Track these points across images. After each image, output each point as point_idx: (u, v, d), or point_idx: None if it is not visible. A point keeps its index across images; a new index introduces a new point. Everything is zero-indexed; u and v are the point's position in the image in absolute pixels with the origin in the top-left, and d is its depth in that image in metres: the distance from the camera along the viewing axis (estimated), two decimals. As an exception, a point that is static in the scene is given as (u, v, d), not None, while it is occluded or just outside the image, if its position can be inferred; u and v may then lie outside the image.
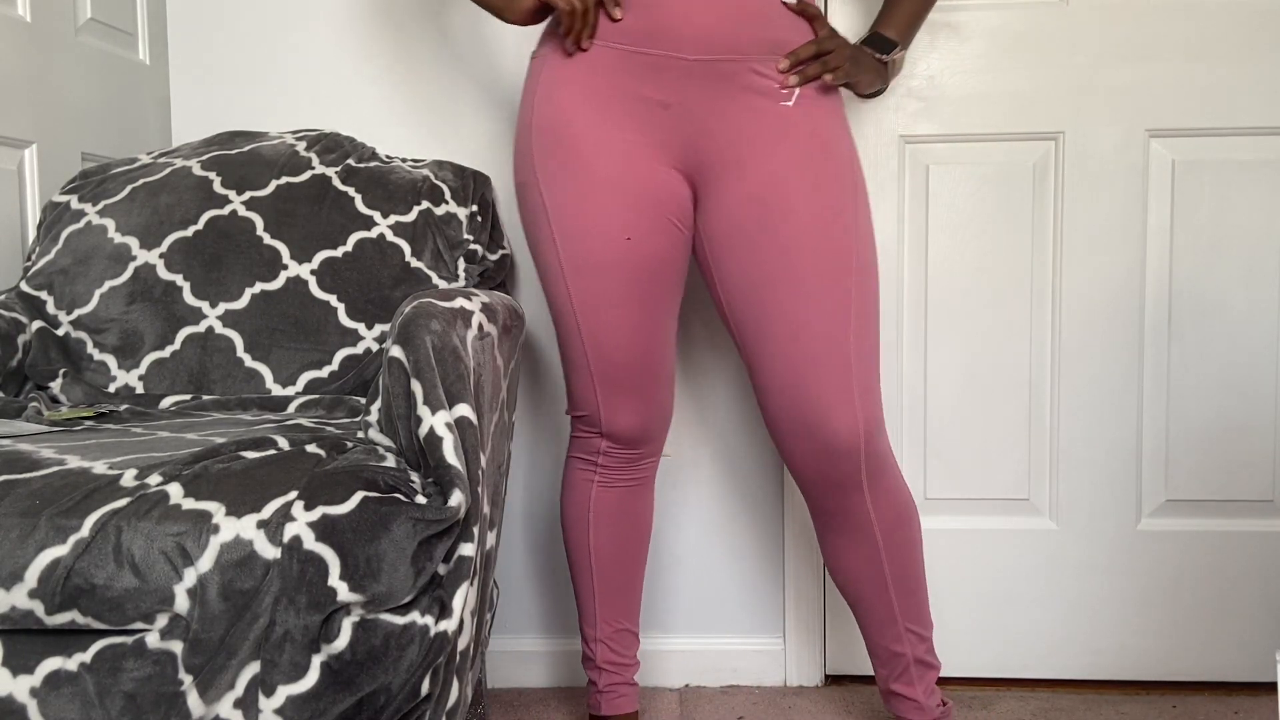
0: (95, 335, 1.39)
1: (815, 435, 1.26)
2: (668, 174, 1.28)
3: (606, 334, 1.32)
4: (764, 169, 1.25)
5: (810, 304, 1.24)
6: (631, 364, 1.33)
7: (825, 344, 1.24)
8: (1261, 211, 1.64)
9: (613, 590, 1.45)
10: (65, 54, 1.54)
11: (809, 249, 1.24)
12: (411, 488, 0.93)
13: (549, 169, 1.29)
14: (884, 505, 1.31)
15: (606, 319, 1.31)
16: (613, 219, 1.27)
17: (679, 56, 1.23)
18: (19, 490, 0.89)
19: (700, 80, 1.24)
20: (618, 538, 1.43)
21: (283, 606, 0.85)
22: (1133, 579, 1.69)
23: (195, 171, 1.49)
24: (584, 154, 1.27)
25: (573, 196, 1.28)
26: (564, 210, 1.29)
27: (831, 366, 1.24)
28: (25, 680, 0.86)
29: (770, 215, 1.25)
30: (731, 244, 1.27)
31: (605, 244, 1.28)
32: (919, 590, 1.36)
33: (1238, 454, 1.67)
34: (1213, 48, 1.62)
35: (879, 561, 1.33)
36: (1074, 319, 1.67)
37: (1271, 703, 1.64)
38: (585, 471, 1.42)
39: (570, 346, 1.35)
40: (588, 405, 1.37)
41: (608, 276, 1.29)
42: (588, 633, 1.46)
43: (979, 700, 1.67)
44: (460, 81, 1.70)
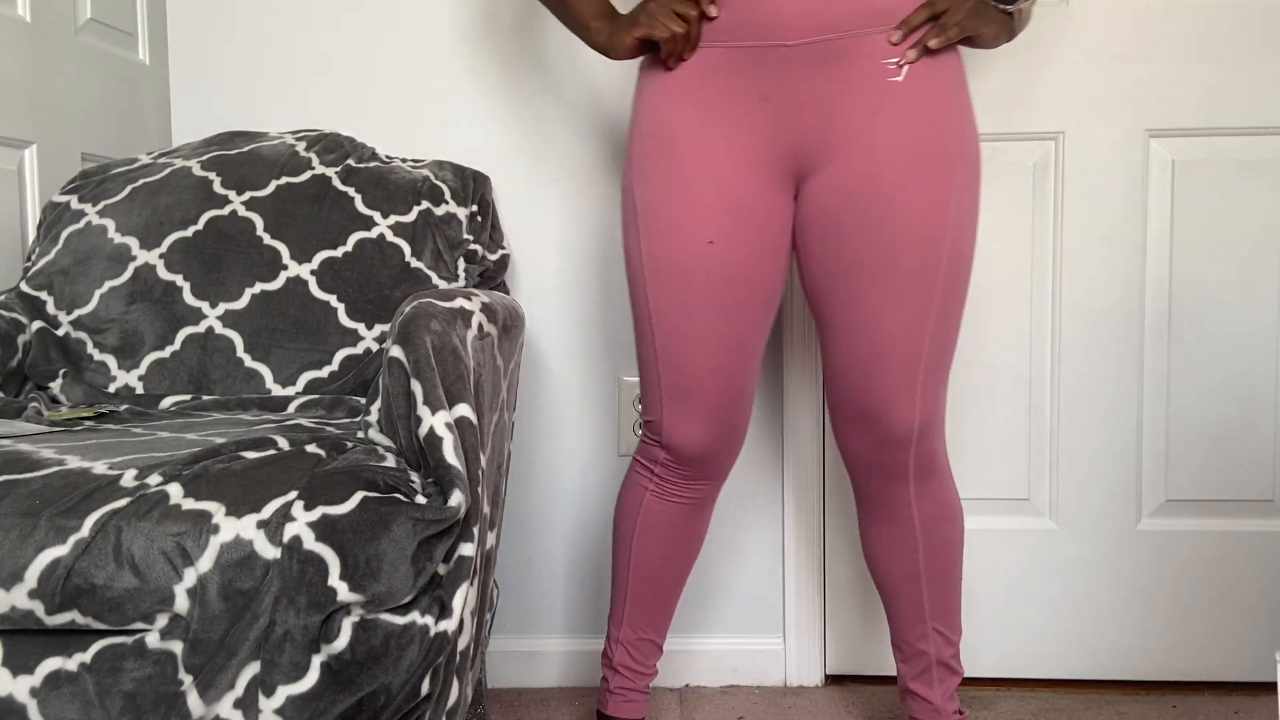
0: (95, 335, 1.39)
1: (871, 424, 1.26)
2: (768, 182, 1.24)
3: (680, 342, 1.27)
4: (862, 151, 1.19)
5: (891, 296, 1.21)
6: (703, 378, 1.28)
7: (899, 338, 1.22)
8: (1261, 211, 1.64)
9: (646, 600, 1.41)
10: (65, 54, 1.54)
11: (898, 239, 1.19)
12: (411, 488, 0.93)
13: (644, 171, 1.27)
14: (928, 502, 1.31)
15: (681, 326, 1.26)
16: (699, 221, 1.23)
17: (777, 44, 1.18)
18: (19, 490, 0.89)
19: (800, 66, 1.18)
20: (661, 552, 1.39)
21: (283, 606, 0.85)
22: (1133, 579, 1.69)
23: (195, 172, 1.49)
24: (679, 156, 1.24)
25: (662, 198, 1.25)
26: (651, 211, 1.26)
27: (901, 360, 1.23)
28: (25, 680, 0.86)
29: (862, 201, 1.20)
30: (821, 228, 1.23)
31: (688, 247, 1.24)
32: (952, 593, 1.35)
33: (1238, 454, 1.67)
34: (1213, 48, 1.62)
35: (915, 556, 1.32)
36: (1074, 319, 1.67)
37: (1271, 703, 1.64)
38: (642, 477, 1.38)
39: (643, 351, 1.31)
40: (653, 412, 1.33)
41: (687, 281, 1.25)
42: (612, 631, 1.43)
43: (979, 700, 1.66)
44: (460, 81, 1.70)
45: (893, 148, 1.19)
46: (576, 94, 1.70)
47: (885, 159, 1.19)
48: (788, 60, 1.19)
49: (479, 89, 1.70)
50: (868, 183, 1.19)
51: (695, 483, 1.36)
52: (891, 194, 1.19)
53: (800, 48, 1.18)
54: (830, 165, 1.21)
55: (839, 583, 1.73)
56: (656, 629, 1.42)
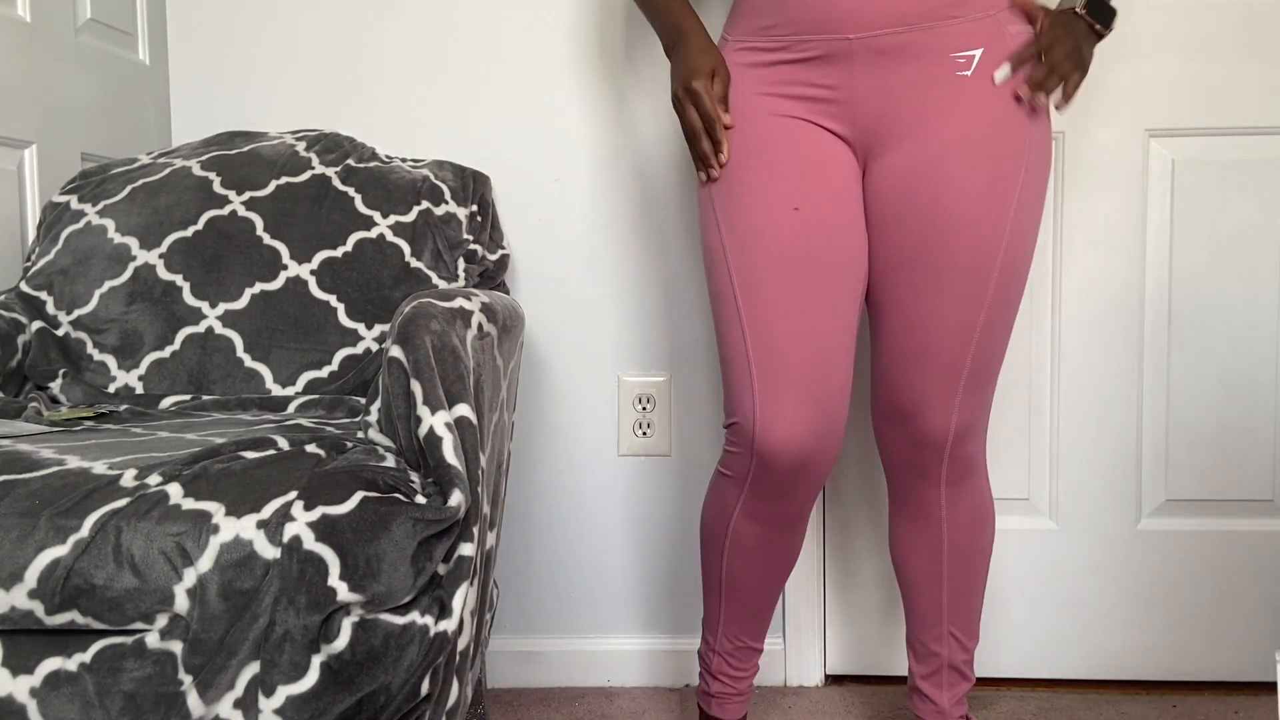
0: (95, 335, 1.39)
1: (907, 424, 1.24)
2: (837, 145, 1.20)
3: (770, 315, 1.18)
4: (927, 144, 1.16)
5: (942, 294, 1.18)
6: (798, 352, 1.17)
7: (944, 339, 1.19)
8: (1261, 211, 1.64)
9: (741, 614, 1.34)
10: (65, 54, 1.54)
11: (953, 238, 1.16)
12: (411, 488, 0.93)
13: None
14: (959, 506, 1.29)
15: (770, 297, 1.18)
16: (779, 188, 1.18)
17: (838, 38, 1.15)
18: (19, 490, 0.89)
19: (864, 59, 1.16)
20: (754, 573, 1.30)
21: (282, 606, 0.85)
22: (1133, 579, 1.69)
23: (195, 172, 1.49)
24: (752, 131, 1.20)
25: (739, 170, 1.20)
26: (728, 185, 1.21)
27: (943, 362, 1.20)
28: (25, 680, 0.86)
29: (921, 194, 1.17)
30: (880, 218, 1.20)
31: (771, 215, 1.18)
32: (974, 599, 1.34)
33: (1238, 454, 1.67)
34: (1213, 48, 1.61)
35: (939, 558, 1.31)
36: (1074, 319, 1.67)
37: (1271, 703, 1.64)
38: (729, 491, 1.26)
39: (729, 337, 1.21)
40: (743, 407, 1.20)
41: (774, 251, 1.17)
42: (708, 638, 1.38)
43: (979, 700, 1.66)
44: (460, 81, 1.70)
45: (956, 143, 1.16)
46: (577, 94, 1.70)
47: (947, 154, 1.16)
48: (850, 54, 1.16)
49: (479, 89, 1.70)
50: (928, 177, 1.16)
51: (789, 499, 1.23)
52: (953, 187, 1.16)
53: (862, 40, 1.15)
54: (892, 155, 1.19)
55: (839, 583, 1.73)
56: (756, 636, 1.37)
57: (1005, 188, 1.17)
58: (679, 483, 1.73)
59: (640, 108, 1.69)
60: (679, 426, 1.73)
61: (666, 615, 1.75)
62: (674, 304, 1.71)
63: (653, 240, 1.71)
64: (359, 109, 1.71)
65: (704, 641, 1.40)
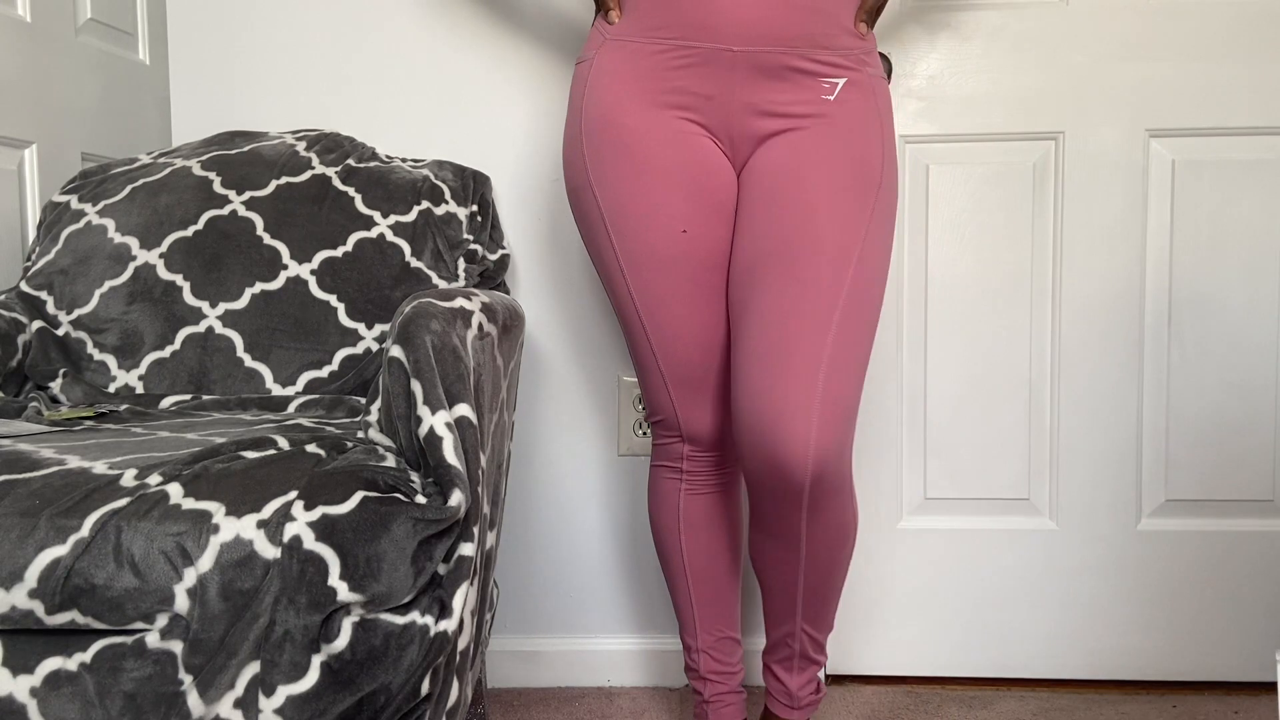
0: (95, 335, 1.39)
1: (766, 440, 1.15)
2: (718, 154, 1.26)
3: (672, 331, 1.28)
4: (792, 149, 1.23)
5: (800, 286, 1.17)
6: (702, 361, 1.29)
7: (801, 330, 1.16)
8: (1261, 211, 1.64)
9: (711, 599, 1.40)
10: (65, 54, 1.54)
11: (814, 232, 1.19)
12: (411, 488, 0.93)
13: (600, 168, 1.27)
14: (819, 528, 1.23)
15: (671, 315, 1.28)
16: (668, 211, 1.24)
17: (724, 48, 1.21)
18: (19, 490, 0.89)
19: (743, 71, 1.22)
20: (711, 545, 1.39)
21: (283, 606, 0.85)
22: (1133, 579, 1.69)
23: (195, 171, 1.49)
24: (634, 147, 1.25)
25: (626, 192, 1.25)
26: (618, 207, 1.26)
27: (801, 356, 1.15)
28: (25, 680, 0.86)
29: (784, 195, 1.22)
30: (746, 218, 1.25)
31: (662, 237, 1.25)
32: (829, 600, 1.33)
33: (1238, 454, 1.67)
34: (1213, 48, 1.62)
35: (796, 569, 1.28)
36: (1074, 319, 1.67)
37: (1271, 703, 1.64)
38: (671, 480, 1.38)
39: (639, 348, 1.32)
40: (664, 409, 1.34)
41: (667, 271, 1.26)
42: (689, 643, 1.42)
43: (979, 700, 1.67)
44: (460, 81, 1.70)
45: (819, 152, 1.23)
46: (576, 94, 1.70)
47: (810, 159, 1.22)
48: (732, 65, 1.22)
49: (479, 89, 1.70)
50: (793, 179, 1.22)
51: (724, 466, 1.37)
52: (813, 192, 1.21)
53: (745, 53, 1.21)
54: (759, 159, 1.25)
55: (839, 583, 1.73)
56: (730, 624, 1.42)
57: (862, 195, 1.23)
58: (679, 483, 1.73)
59: (640, 108, 1.69)
60: (679, 426, 1.73)
61: (666, 615, 1.75)
62: (674, 304, 1.71)
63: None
64: (359, 109, 1.71)
65: (686, 650, 1.42)
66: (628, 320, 1.31)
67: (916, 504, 1.72)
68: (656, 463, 1.39)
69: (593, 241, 1.30)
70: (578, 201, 1.31)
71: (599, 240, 1.29)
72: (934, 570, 1.71)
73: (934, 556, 1.71)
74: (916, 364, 1.69)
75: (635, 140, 1.25)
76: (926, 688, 1.72)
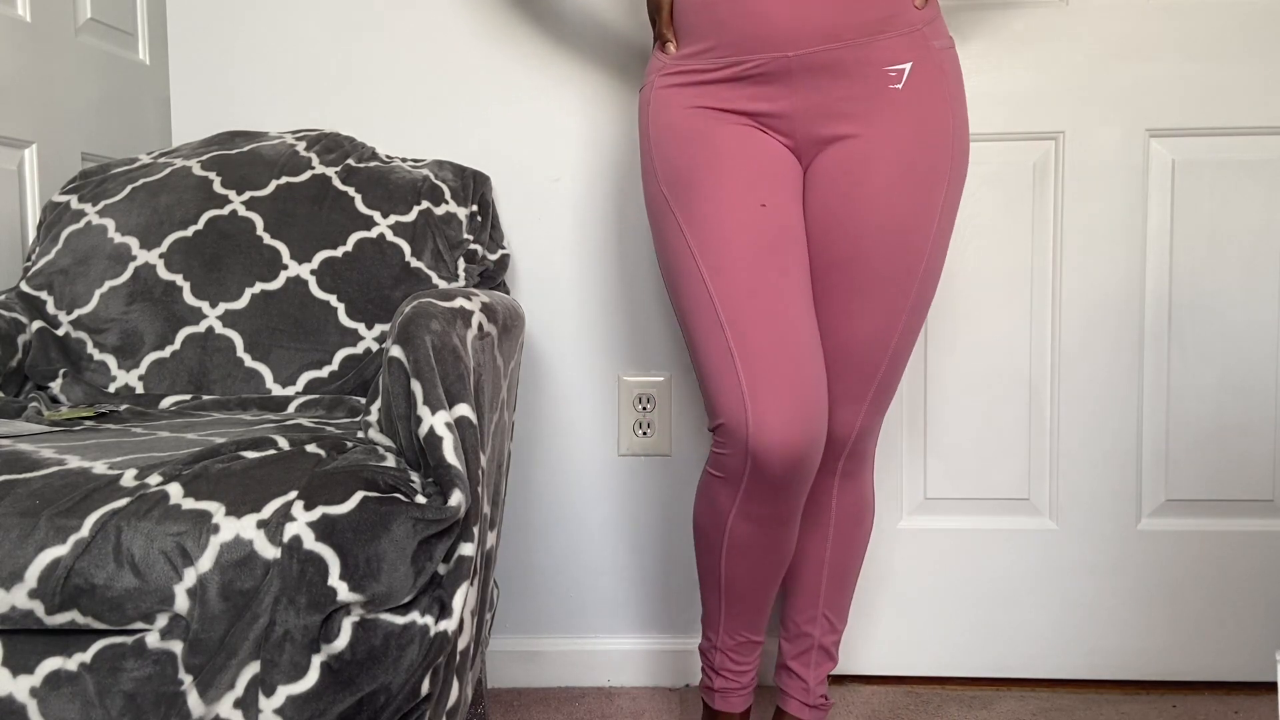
0: (95, 335, 1.39)
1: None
2: (783, 150, 1.23)
3: (749, 310, 1.17)
4: (859, 152, 1.20)
5: (866, 301, 1.23)
6: (778, 345, 1.17)
7: (863, 346, 1.24)
8: (1261, 211, 1.64)
9: (743, 611, 1.34)
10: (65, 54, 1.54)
11: (882, 246, 1.21)
12: (411, 488, 0.93)
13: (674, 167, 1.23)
14: (847, 500, 1.35)
15: (747, 291, 1.18)
16: (738, 188, 1.20)
17: (779, 55, 1.18)
18: (19, 490, 0.89)
19: (802, 75, 1.19)
20: (756, 571, 1.29)
21: (283, 606, 0.85)
22: (1133, 579, 1.69)
23: (195, 171, 1.49)
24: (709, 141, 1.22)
25: (698, 176, 1.21)
26: (691, 198, 1.21)
27: (859, 370, 1.25)
28: (25, 680, 0.86)
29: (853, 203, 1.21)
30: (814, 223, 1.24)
31: (738, 215, 1.19)
32: (849, 585, 1.41)
33: (1238, 454, 1.67)
34: (1213, 48, 1.62)
35: (824, 547, 1.37)
36: (1074, 319, 1.67)
37: (1271, 703, 1.64)
38: (724, 493, 1.24)
39: (708, 338, 1.19)
40: (732, 407, 1.18)
41: (746, 253, 1.18)
42: (709, 635, 1.38)
43: (979, 700, 1.67)
44: (460, 81, 1.70)
45: (887, 155, 1.20)
46: (578, 93, 1.70)
47: (878, 165, 1.20)
48: (789, 70, 1.19)
49: (479, 89, 1.70)
50: (861, 187, 1.20)
51: (784, 497, 1.21)
52: (881, 202, 1.20)
53: (799, 57, 1.19)
54: (827, 161, 1.23)
55: (839, 583, 1.73)
56: (757, 630, 1.37)
57: (930, 200, 1.21)
58: (679, 483, 1.73)
59: (640, 108, 1.69)
60: (679, 426, 1.73)
61: (666, 615, 1.75)
62: (674, 304, 1.71)
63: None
64: (359, 109, 1.71)
65: (705, 639, 1.40)
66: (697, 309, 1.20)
67: (916, 504, 1.72)
68: (711, 469, 1.26)
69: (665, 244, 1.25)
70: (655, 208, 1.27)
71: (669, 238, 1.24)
72: (934, 570, 1.71)
73: (934, 556, 1.71)
74: (917, 364, 1.69)
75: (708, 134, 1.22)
76: (926, 688, 1.72)
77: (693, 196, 1.22)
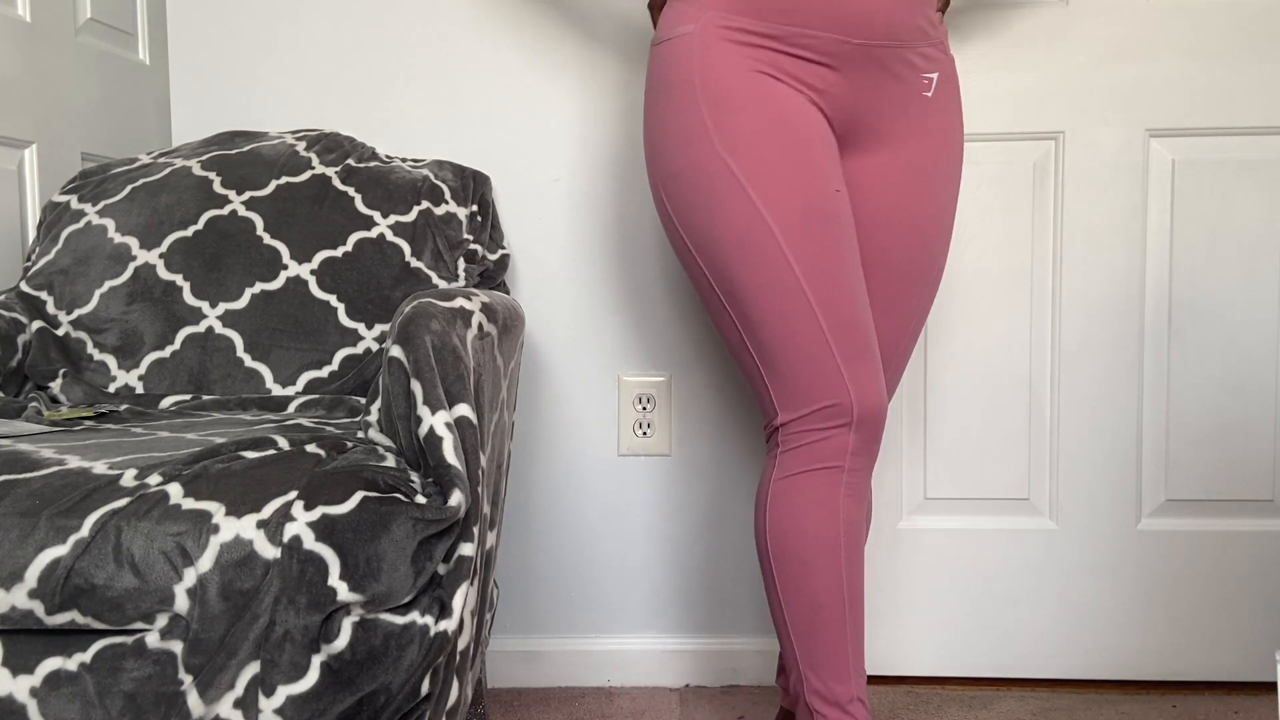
0: (95, 335, 1.39)
1: None
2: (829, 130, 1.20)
3: (837, 290, 1.13)
4: (905, 157, 1.23)
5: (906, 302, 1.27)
6: (865, 323, 1.16)
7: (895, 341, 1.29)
8: (1261, 211, 1.64)
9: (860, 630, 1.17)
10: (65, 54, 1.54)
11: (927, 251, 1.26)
12: (411, 488, 0.93)
13: (733, 133, 1.13)
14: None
15: (835, 273, 1.13)
16: (820, 169, 1.15)
17: (844, 40, 1.16)
18: (19, 490, 0.89)
19: (859, 65, 1.18)
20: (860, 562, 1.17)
21: (283, 606, 0.85)
22: (1133, 579, 1.69)
23: (195, 171, 1.49)
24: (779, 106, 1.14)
25: (774, 151, 1.13)
26: (765, 168, 1.13)
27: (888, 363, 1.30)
28: (25, 680, 0.86)
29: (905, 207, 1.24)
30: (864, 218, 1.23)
31: (820, 196, 1.14)
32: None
33: (1238, 454, 1.67)
34: (1213, 48, 1.62)
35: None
36: (1074, 319, 1.67)
37: (1271, 703, 1.64)
38: (831, 482, 1.14)
39: (796, 323, 1.12)
40: (832, 386, 1.12)
41: (835, 228, 1.14)
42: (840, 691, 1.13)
43: (979, 700, 1.67)
44: (460, 81, 1.70)
45: (929, 162, 1.24)
46: (578, 92, 1.70)
47: (924, 172, 1.23)
48: (848, 58, 1.17)
49: (479, 89, 1.70)
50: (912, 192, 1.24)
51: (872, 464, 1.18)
52: (929, 208, 1.24)
53: (863, 47, 1.17)
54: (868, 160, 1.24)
55: (839, 583, 1.73)
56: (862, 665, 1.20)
57: (948, 206, 1.27)
58: (679, 483, 1.73)
59: (640, 107, 1.69)
60: (679, 426, 1.73)
61: (667, 615, 1.75)
62: (674, 304, 1.71)
63: (653, 240, 1.71)
64: (359, 109, 1.71)
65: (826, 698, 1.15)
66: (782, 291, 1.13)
67: (916, 504, 1.72)
68: (813, 467, 1.15)
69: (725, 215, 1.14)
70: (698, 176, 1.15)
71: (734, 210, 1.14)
72: (934, 570, 1.71)
73: (934, 556, 1.71)
74: (917, 364, 1.69)
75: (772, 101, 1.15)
76: (926, 688, 1.72)
77: (765, 165, 1.13)
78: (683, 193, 1.18)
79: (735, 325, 1.18)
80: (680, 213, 1.19)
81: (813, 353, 1.13)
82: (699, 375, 1.72)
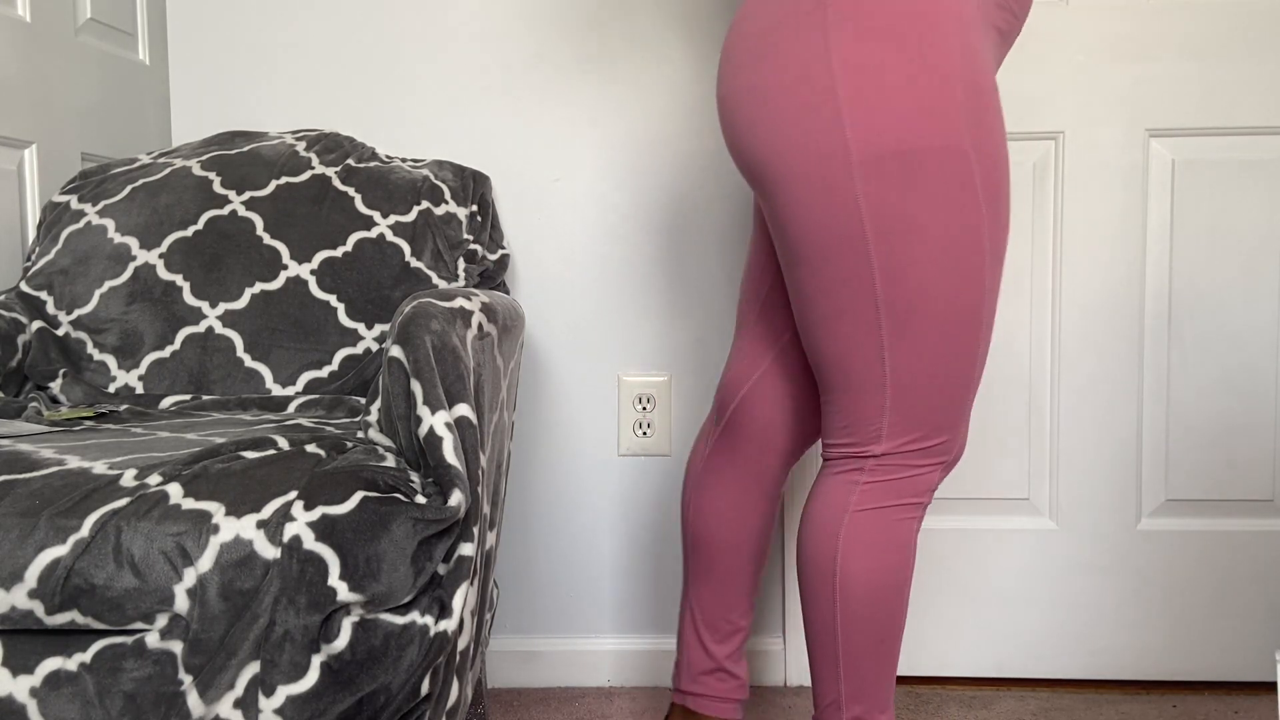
0: (95, 335, 1.39)
1: None
2: None
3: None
4: None
5: None
6: None
7: None
8: (1261, 211, 1.64)
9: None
10: (65, 54, 1.54)
11: None
12: (411, 488, 0.93)
13: (978, 135, 1.00)
14: None
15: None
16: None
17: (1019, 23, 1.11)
18: (19, 490, 0.89)
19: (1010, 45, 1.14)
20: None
21: (282, 606, 0.85)
22: (1133, 579, 1.69)
23: (195, 171, 1.49)
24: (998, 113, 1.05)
25: (999, 171, 1.03)
26: (994, 187, 1.02)
27: None
28: (25, 680, 0.86)
29: None
30: None
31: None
32: None
33: (1238, 454, 1.67)
34: (1213, 48, 1.62)
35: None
36: (1074, 319, 1.67)
37: (1271, 703, 1.64)
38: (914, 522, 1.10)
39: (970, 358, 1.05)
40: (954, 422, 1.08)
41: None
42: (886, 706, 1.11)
43: (979, 700, 1.67)
44: (460, 81, 1.70)
45: None
46: (578, 93, 1.70)
47: None
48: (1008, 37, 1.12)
49: (479, 89, 1.70)
50: None
51: None
52: None
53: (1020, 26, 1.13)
54: None
55: (839, 583, 1.73)
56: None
57: None
58: (679, 483, 1.73)
59: (640, 107, 1.69)
60: (679, 426, 1.73)
61: (666, 615, 1.75)
62: (674, 304, 1.71)
63: (653, 240, 1.71)
64: (359, 109, 1.71)
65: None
66: (975, 324, 1.04)
67: (916, 504, 1.71)
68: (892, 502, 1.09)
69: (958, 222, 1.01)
70: (945, 164, 0.99)
71: (969, 217, 1.01)
72: (934, 570, 1.71)
73: (934, 556, 1.71)
74: (916, 364, 1.69)
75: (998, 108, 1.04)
76: (926, 688, 1.72)
77: (1000, 198, 1.03)
78: (938, 173, 0.98)
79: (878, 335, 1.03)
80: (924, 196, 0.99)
81: (967, 386, 1.06)
82: (699, 375, 1.72)
